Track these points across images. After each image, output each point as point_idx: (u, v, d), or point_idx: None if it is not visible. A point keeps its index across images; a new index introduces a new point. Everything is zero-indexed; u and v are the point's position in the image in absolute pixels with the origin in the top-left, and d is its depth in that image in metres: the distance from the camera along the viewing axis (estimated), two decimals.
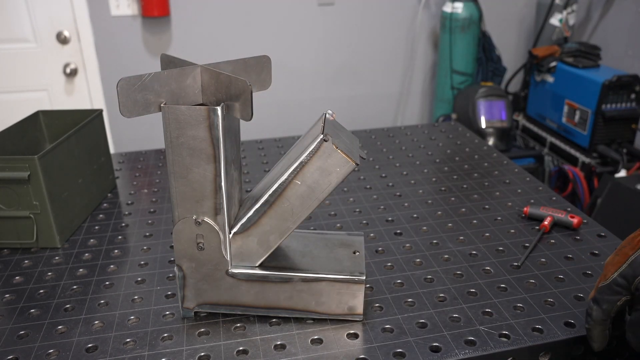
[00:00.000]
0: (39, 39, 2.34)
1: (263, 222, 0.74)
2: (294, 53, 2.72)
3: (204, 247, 0.74)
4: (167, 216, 1.11)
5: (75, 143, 1.07)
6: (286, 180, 0.71)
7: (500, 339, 0.74)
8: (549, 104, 2.72)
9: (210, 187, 0.71)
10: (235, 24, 2.58)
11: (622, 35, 2.67)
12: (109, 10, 2.40)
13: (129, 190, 1.24)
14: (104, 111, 1.20)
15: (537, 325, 0.77)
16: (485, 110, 2.58)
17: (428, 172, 1.31)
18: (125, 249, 1.00)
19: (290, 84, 2.78)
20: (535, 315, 0.79)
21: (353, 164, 0.69)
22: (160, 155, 1.44)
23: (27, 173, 0.93)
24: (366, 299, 0.80)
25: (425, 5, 2.78)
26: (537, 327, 0.76)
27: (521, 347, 0.73)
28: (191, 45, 2.56)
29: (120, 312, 0.82)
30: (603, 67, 2.56)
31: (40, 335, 0.77)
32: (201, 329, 0.78)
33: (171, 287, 0.87)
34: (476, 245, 0.99)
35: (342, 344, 0.74)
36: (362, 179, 1.27)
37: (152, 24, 2.48)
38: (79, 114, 1.17)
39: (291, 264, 0.78)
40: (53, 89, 2.44)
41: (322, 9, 2.67)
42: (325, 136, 0.68)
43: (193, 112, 0.66)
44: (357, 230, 1.05)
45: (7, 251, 0.99)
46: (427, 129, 1.60)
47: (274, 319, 0.79)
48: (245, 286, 0.77)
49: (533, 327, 0.76)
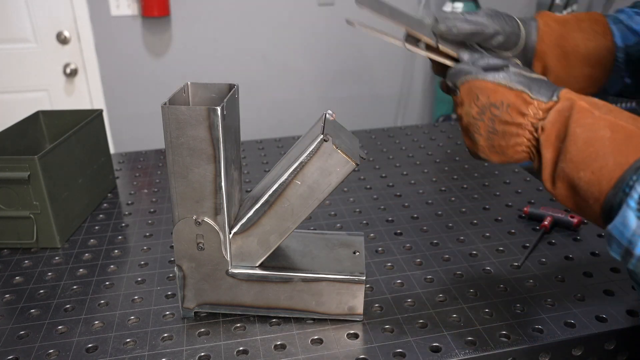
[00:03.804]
0: (39, 39, 2.34)
1: (263, 222, 0.74)
2: (294, 53, 2.72)
3: (204, 247, 0.74)
4: (167, 216, 1.11)
5: (75, 143, 1.07)
6: (286, 180, 0.71)
7: (500, 339, 0.74)
8: None
9: (210, 187, 0.71)
10: (235, 24, 2.58)
11: None
12: (109, 10, 2.40)
13: (129, 190, 1.24)
14: (104, 111, 1.20)
15: (537, 325, 0.77)
16: None
17: (428, 172, 1.31)
18: (125, 249, 1.00)
19: (290, 84, 2.78)
20: (535, 315, 0.79)
21: (353, 164, 0.69)
22: (160, 155, 1.44)
23: (27, 173, 0.93)
24: (366, 299, 0.80)
25: (425, 5, 2.78)
26: (537, 327, 0.76)
27: (521, 347, 0.73)
28: (191, 45, 2.56)
29: (120, 312, 0.81)
30: None
31: (40, 336, 0.77)
32: (201, 329, 0.78)
33: (171, 287, 0.87)
34: (476, 245, 0.99)
35: (342, 344, 0.74)
36: (362, 179, 1.27)
37: (152, 24, 2.48)
38: (79, 114, 1.17)
39: (291, 264, 0.78)
40: (53, 89, 2.44)
41: (322, 9, 2.67)
42: (325, 136, 0.68)
43: (193, 112, 0.66)
44: (357, 230, 1.05)
45: (7, 251, 0.99)
46: (427, 129, 1.60)
47: (274, 319, 0.79)
48: (245, 286, 0.77)
49: (533, 327, 0.76)
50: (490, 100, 0.59)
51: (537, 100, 0.57)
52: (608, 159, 0.50)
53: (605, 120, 0.52)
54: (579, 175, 0.53)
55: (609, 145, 0.51)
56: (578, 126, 0.53)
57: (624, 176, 0.49)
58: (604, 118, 0.53)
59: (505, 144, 0.59)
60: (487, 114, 0.59)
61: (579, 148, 0.52)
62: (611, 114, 0.53)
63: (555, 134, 0.55)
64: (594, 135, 0.52)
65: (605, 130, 0.51)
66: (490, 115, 0.59)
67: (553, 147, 0.55)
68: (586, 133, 0.52)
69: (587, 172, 0.52)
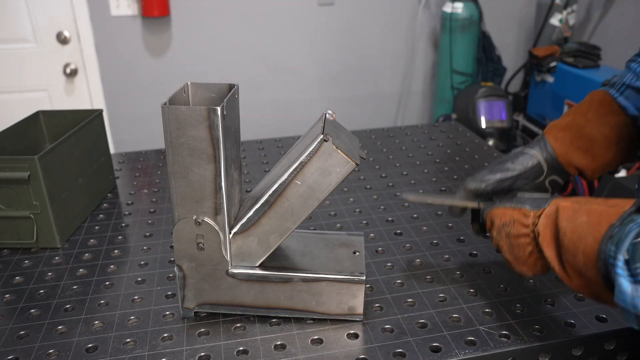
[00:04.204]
0: (39, 39, 2.34)
1: (263, 222, 0.74)
2: (294, 53, 2.72)
3: (204, 247, 0.74)
4: (167, 216, 1.11)
5: (75, 143, 1.07)
6: (286, 180, 0.71)
7: (500, 339, 0.74)
8: (549, 104, 2.72)
9: (210, 187, 0.71)
10: (236, 24, 2.58)
11: (622, 35, 2.67)
12: (109, 11, 2.40)
13: (129, 190, 1.24)
14: (104, 111, 1.20)
15: (537, 325, 0.77)
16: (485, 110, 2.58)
17: (428, 172, 1.31)
18: (125, 249, 1.00)
19: (290, 84, 2.78)
20: (535, 315, 0.79)
21: (353, 164, 0.69)
22: (160, 155, 1.44)
23: (27, 173, 0.93)
24: (366, 299, 0.80)
25: (425, 5, 2.78)
26: (537, 327, 0.76)
27: (521, 347, 0.73)
28: (191, 45, 2.56)
29: (120, 312, 0.81)
30: (603, 67, 2.56)
31: (40, 336, 0.77)
32: (201, 329, 0.78)
33: (171, 287, 0.87)
34: (476, 245, 0.99)
35: (342, 344, 0.74)
36: (362, 179, 1.27)
37: (152, 24, 2.48)
38: (79, 114, 1.17)
39: (291, 264, 0.78)
40: (53, 89, 2.44)
41: (322, 9, 2.67)
42: (325, 136, 0.68)
43: (193, 112, 0.66)
44: (357, 230, 1.05)
45: (7, 251, 0.99)
46: (427, 129, 1.60)
47: (274, 319, 0.79)
48: (245, 286, 0.77)
49: (533, 327, 0.76)
50: (502, 220, 0.70)
51: (533, 211, 0.66)
52: (588, 238, 0.57)
53: (582, 210, 0.59)
54: (575, 260, 0.59)
55: (586, 227, 0.57)
56: (563, 221, 0.61)
57: (601, 248, 0.54)
58: (582, 208, 0.59)
59: (523, 254, 0.68)
60: (502, 232, 0.70)
61: (569, 238, 0.59)
62: (588, 204, 0.60)
63: (550, 234, 0.62)
64: (575, 223, 0.59)
65: (583, 216, 0.58)
66: (505, 232, 0.69)
67: (551, 245, 0.62)
68: (570, 224, 0.59)
69: (579, 255, 0.58)
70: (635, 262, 0.49)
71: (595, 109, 0.78)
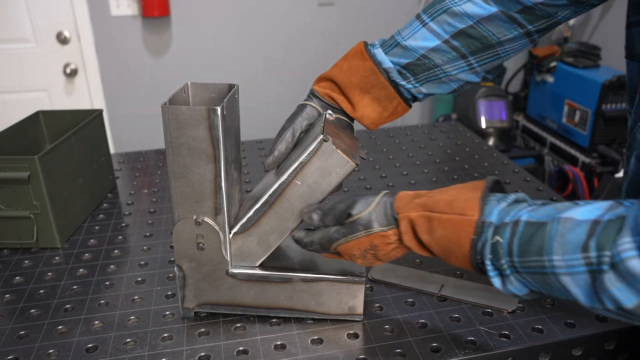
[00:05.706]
0: (39, 39, 2.34)
1: (263, 222, 0.74)
2: (294, 53, 2.72)
3: (204, 247, 0.74)
4: (167, 216, 1.11)
5: (75, 143, 1.07)
6: (286, 180, 0.71)
7: (500, 339, 0.74)
8: (549, 104, 2.72)
9: (210, 187, 0.71)
10: (235, 24, 2.58)
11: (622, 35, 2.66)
12: (109, 11, 2.40)
13: (129, 190, 1.24)
14: (104, 111, 1.20)
15: (537, 325, 0.77)
16: (485, 110, 2.58)
17: (428, 172, 1.31)
18: (125, 249, 1.00)
19: (290, 84, 2.78)
20: (535, 315, 0.79)
21: (353, 164, 0.69)
22: (160, 155, 1.44)
23: (27, 173, 0.93)
24: (366, 299, 0.80)
25: (425, 4, 2.78)
26: (537, 327, 0.76)
27: (521, 347, 0.73)
28: (191, 45, 2.56)
29: (120, 312, 0.81)
30: (603, 67, 2.56)
31: (40, 336, 0.77)
32: (201, 329, 0.78)
33: (171, 287, 0.87)
34: None
35: (342, 344, 0.74)
36: (362, 179, 1.27)
37: (152, 24, 2.48)
38: (79, 114, 1.17)
39: (291, 264, 0.78)
40: (53, 89, 2.44)
41: (322, 9, 2.67)
42: (325, 136, 0.68)
43: (193, 112, 0.66)
44: None
45: (7, 251, 0.99)
46: (427, 129, 1.60)
47: (274, 319, 0.79)
48: (245, 286, 0.77)
49: (533, 327, 0.76)
50: (361, 249, 0.67)
51: (391, 230, 0.65)
52: (456, 252, 0.60)
53: (434, 220, 0.61)
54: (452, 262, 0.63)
55: (448, 242, 0.60)
56: (423, 234, 0.62)
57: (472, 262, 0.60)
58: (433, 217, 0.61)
59: (388, 258, 0.68)
60: (368, 256, 0.68)
61: (437, 250, 0.62)
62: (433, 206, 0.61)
63: (418, 245, 0.64)
64: (435, 237, 0.61)
65: (439, 229, 0.60)
66: (372, 255, 0.68)
67: (426, 251, 0.64)
68: (431, 237, 0.61)
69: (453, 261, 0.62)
70: (498, 260, 0.57)
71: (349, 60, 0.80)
